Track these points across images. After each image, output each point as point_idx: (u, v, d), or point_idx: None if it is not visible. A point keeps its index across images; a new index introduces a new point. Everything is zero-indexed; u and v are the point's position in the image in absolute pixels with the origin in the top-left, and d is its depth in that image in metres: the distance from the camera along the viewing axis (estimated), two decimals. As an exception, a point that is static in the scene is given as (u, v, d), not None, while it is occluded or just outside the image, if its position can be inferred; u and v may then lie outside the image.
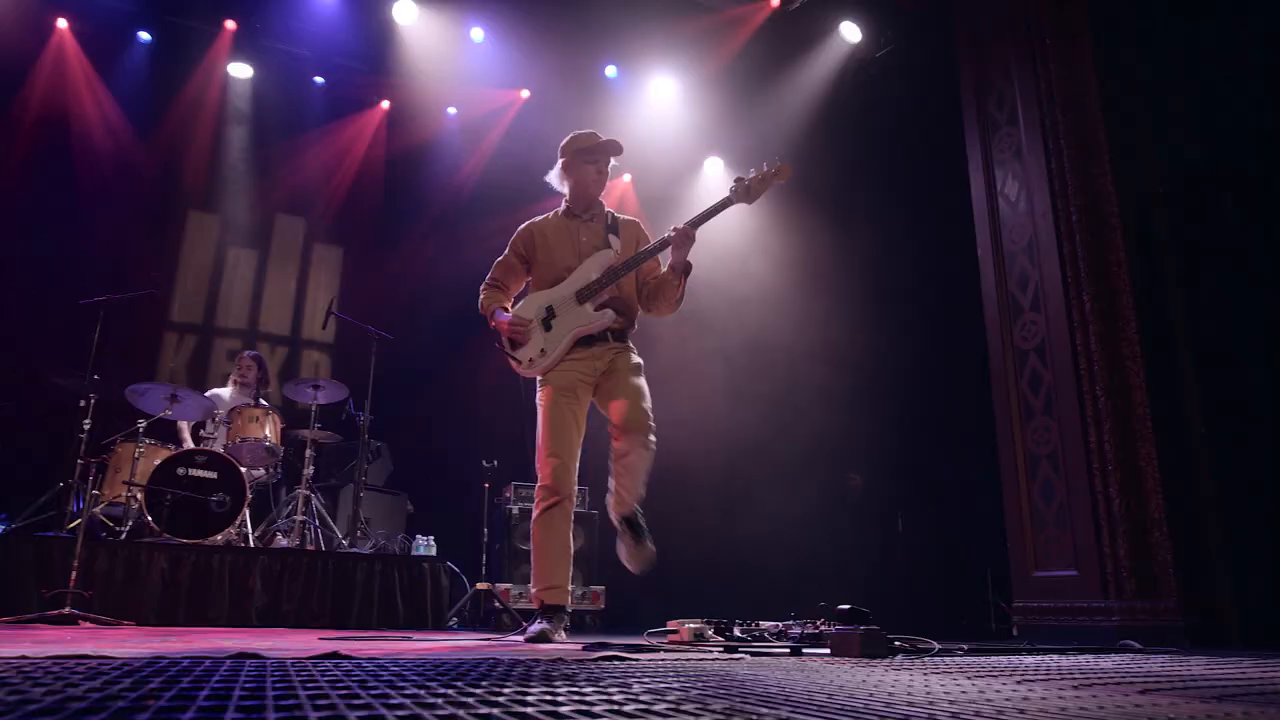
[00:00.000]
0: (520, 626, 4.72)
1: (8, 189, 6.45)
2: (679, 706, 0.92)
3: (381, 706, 0.93)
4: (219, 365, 7.25)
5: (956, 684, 1.36)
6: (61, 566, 4.04)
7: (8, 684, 1.20)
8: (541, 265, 3.44)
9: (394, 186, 7.99)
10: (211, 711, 0.90)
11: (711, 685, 1.20)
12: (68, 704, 0.96)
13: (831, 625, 2.33)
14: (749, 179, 3.27)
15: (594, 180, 3.42)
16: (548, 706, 0.91)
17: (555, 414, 3.25)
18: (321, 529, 5.49)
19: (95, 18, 6.81)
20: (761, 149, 7.32)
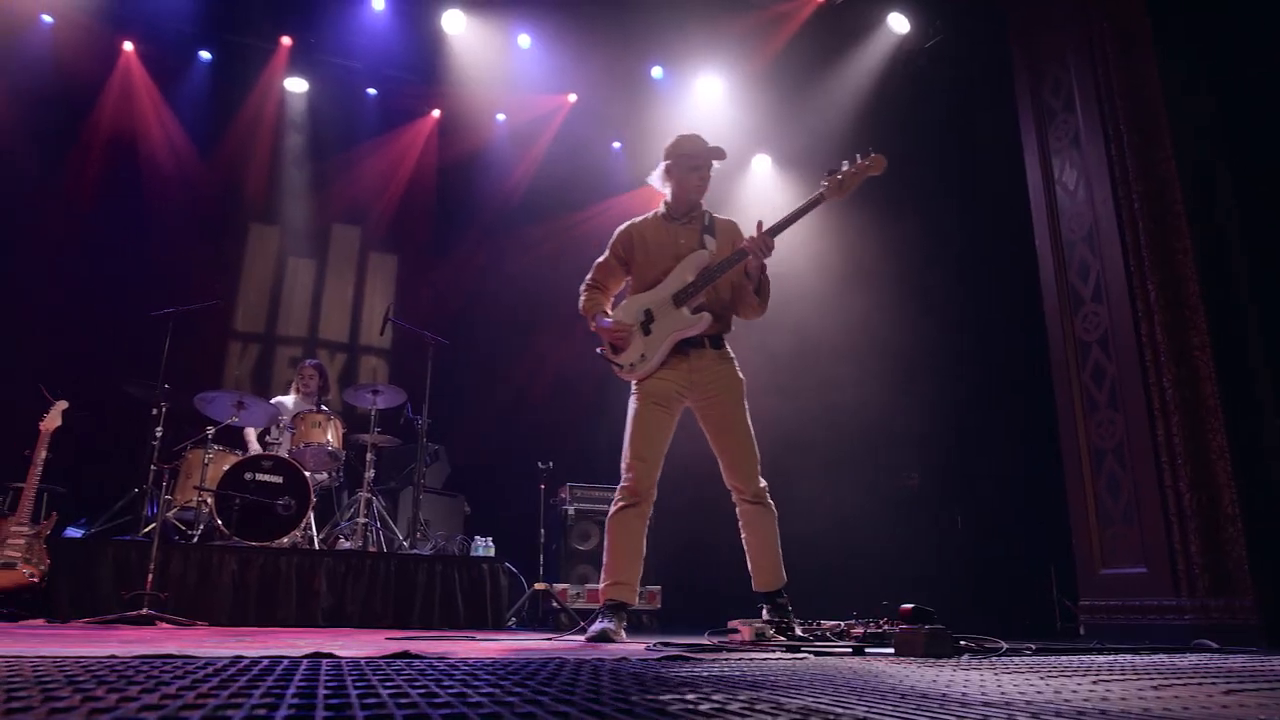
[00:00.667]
0: (578, 626, 4.77)
1: (82, 209, 6.77)
2: (753, 706, 0.93)
3: (462, 705, 0.96)
4: (281, 372, 7.46)
5: (1030, 683, 1.35)
6: (139, 569, 4.20)
7: (106, 682, 1.26)
8: (640, 267, 3.46)
9: (446, 194, 8.13)
10: (302, 709, 0.94)
11: (781, 685, 1.21)
12: (167, 701, 1.01)
13: (895, 624, 2.31)
14: (841, 172, 3.25)
15: (695, 186, 3.43)
16: (623, 705, 0.93)
17: (645, 418, 3.29)
18: (383, 531, 5.61)
19: (159, 39, 7.07)
20: (809, 145, 7.36)
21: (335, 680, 1.28)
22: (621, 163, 8.23)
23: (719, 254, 3.36)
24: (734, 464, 3.30)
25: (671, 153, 3.46)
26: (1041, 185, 5.08)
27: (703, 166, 3.43)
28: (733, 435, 3.30)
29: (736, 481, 3.30)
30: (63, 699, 1.05)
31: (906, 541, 6.43)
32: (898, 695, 1.09)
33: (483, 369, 7.36)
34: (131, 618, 3.90)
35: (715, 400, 3.31)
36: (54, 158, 6.77)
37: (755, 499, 3.30)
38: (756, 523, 3.29)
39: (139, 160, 7.09)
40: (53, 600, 4.19)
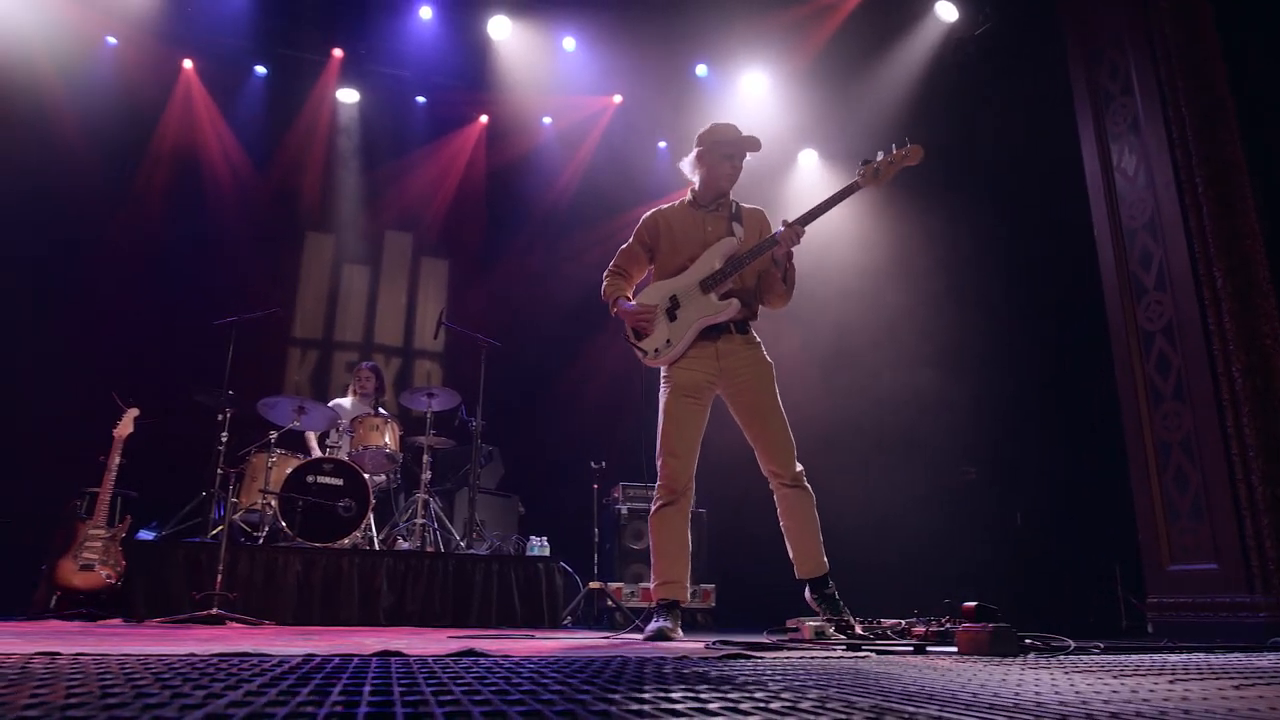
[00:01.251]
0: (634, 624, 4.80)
1: (149, 223, 7.05)
2: (824, 704, 0.93)
3: (535, 701, 0.98)
4: (339, 377, 7.65)
5: (1104, 683, 1.32)
6: (208, 570, 4.34)
7: (190, 680, 1.31)
8: (665, 254, 3.42)
9: (495, 198, 8.25)
10: (381, 706, 0.97)
11: (847, 683, 1.21)
12: (252, 698, 1.05)
13: (957, 623, 2.28)
14: (877, 162, 3.21)
15: (727, 174, 3.39)
16: (694, 704, 0.94)
17: (676, 412, 3.26)
18: (440, 531, 5.70)
19: (217, 56, 7.31)
20: (856, 139, 7.28)
21: (407, 678, 1.32)
22: (667, 163, 8.24)
23: (747, 242, 3.33)
24: (770, 448, 3.26)
25: (705, 139, 3.41)
26: (1099, 172, 4.95)
27: (736, 155, 3.39)
28: (767, 420, 3.25)
29: (774, 466, 3.26)
30: (153, 695, 1.09)
31: (963, 538, 6.33)
32: (969, 694, 1.08)
33: (534, 370, 7.45)
34: (202, 617, 4.03)
35: (746, 386, 3.27)
36: (122, 174, 7.05)
37: (794, 483, 3.25)
38: (796, 507, 3.24)
39: (201, 174, 7.35)
40: (129, 600, 4.34)
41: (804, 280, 3.67)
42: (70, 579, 4.41)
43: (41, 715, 0.90)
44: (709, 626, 5.83)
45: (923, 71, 7.11)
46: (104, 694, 1.10)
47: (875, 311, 7.10)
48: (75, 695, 1.07)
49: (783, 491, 3.26)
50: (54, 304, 6.48)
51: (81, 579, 4.43)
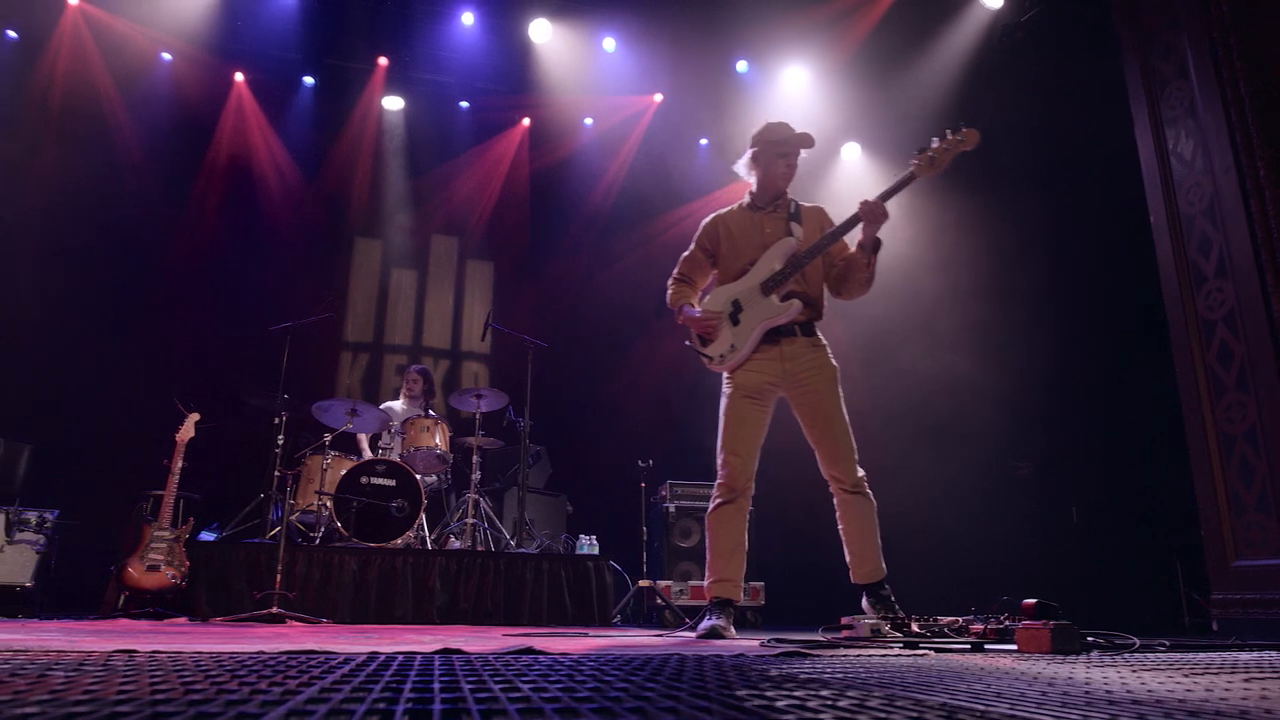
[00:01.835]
0: (684, 622, 4.81)
1: (207, 231, 7.29)
2: (893, 702, 0.93)
3: (602, 699, 0.99)
4: (389, 379, 7.79)
5: (1176, 681, 1.30)
6: (267, 569, 4.45)
7: (265, 676, 1.35)
8: (726, 259, 3.41)
9: (538, 200, 8.32)
10: (454, 702, 0.99)
11: (911, 681, 1.20)
12: (328, 695, 1.08)
13: (1016, 620, 2.25)
14: (932, 149, 3.17)
15: (782, 173, 3.37)
16: (761, 701, 0.94)
17: (737, 413, 3.26)
18: (490, 531, 5.77)
19: (266, 68, 7.51)
20: (900, 130, 7.19)
21: (473, 676, 1.34)
22: (708, 160, 8.24)
23: (807, 240, 3.31)
24: (831, 453, 3.24)
25: (759, 139, 3.39)
26: (1155, 157, 4.82)
27: (790, 154, 3.37)
28: (829, 424, 3.23)
29: (834, 471, 3.25)
30: (233, 691, 1.13)
31: (1016, 534, 6.22)
32: (1038, 692, 1.07)
33: (580, 370, 7.50)
34: (263, 616, 4.14)
35: (809, 389, 3.25)
36: (180, 186, 7.29)
37: (854, 488, 3.24)
38: (855, 513, 3.23)
39: (254, 183, 7.58)
40: (193, 600, 4.48)
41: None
42: (138, 579, 4.56)
43: (133, 711, 0.94)
44: (758, 624, 5.82)
45: (967, 60, 7.00)
46: (187, 690, 1.14)
47: (916, 303, 7.00)
48: (160, 691, 1.11)
49: (843, 497, 3.24)
50: (118, 314, 6.72)
51: (148, 579, 4.57)
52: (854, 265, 3.30)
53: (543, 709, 0.91)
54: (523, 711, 0.89)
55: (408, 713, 0.90)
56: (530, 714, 0.88)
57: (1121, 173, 4.96)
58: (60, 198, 6.56)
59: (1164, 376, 4.62)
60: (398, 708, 0.95)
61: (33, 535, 4.42)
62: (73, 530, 5.00)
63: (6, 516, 4.37)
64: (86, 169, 6.66)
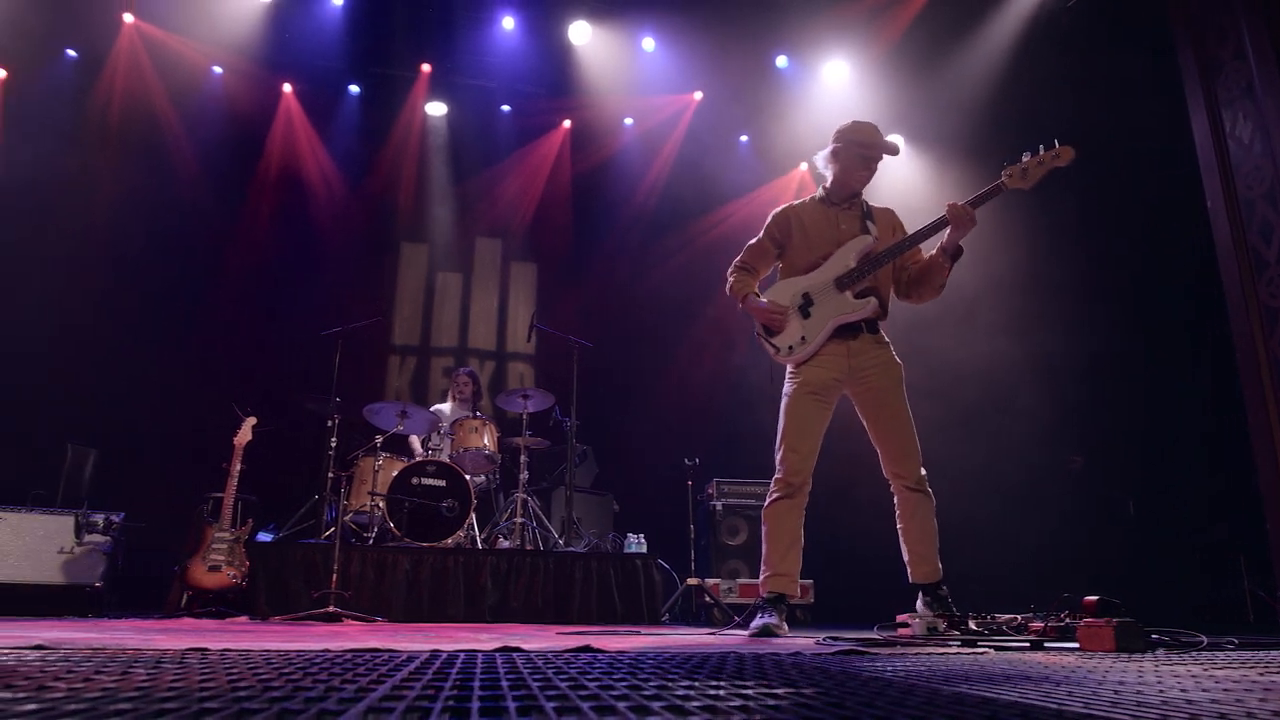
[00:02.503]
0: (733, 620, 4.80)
1: (261, 240, 7.50)
2: (963, 701, 0.93)
3: (671, 697, 1.01)
4: (437, 381, 7.91)
5: (1253, 680, 1.27)
6: (323, 569, 4.55)
7: (336, 674, 1.39)
8: (797, 251, 3.41)
9: (581, 201, 8.38)
10: (525, 699, 1.02)
11: (975, 679, 1.20)
12: (401, 692, 1.11)
13: (1077, 617, 2.21)
14: (1024, 162, 3.14)
15: (862, 175, 3.38)
16: (829, 700, 0.95)
17: (799, 408, 3.26)
18: (538, 530, 5.83)
19: (313, 78, 7.68)
20: (944, 120, 7.09)
21: (537, 673, 1.37)
22: (749, 157, 8.21)
23: (881, 241, 3.31)
24: (895, 451, 3.24)
25: (845, 136, 3.37)
26: (1211, 141, 4.69)
27: (874, 158, 3.36)
28: (894, 421, 3.24)
29: (898, 468, 3.24)
30: (309, 688, 1.17)
31: (1070, 528, 6.09)
32: (1110, 692, 1.06)
33: (625, 369, 7.52)
34: (320, 615, 4.23)
35: (875, 387, 3.26)
36: (233, 196, 7.52)
37: (917, 486, 3.22)
38: (917, 511, 3.21)
39: (304, 191, 7.76)
40: (252, 599, 4.59)
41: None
42: (200, 579, 4.70)
43: (221, 708, 0.97)
44: (807, 622, 5.79)
45: (1012, 47, 6.88)
46: (265, 688, 1.18)
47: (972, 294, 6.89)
48: (239, 688, 1.15)
49: (905, 494, 3.23)
50: (177, 323, 6.95)
51: (210, 579, 4.71)
52: (934, 270, 3.30)
53: (614, 706, 0.92)
54: (596, 709, 0.91)
55: (481, 710, 0.93)
56: (603, 711, 0.90)
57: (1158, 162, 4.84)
58: (121, 211, 6.79)
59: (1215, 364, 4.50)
60: (471, 705, 0.98)
61: (100, 537, 4.58)
62: (137, 532, 5.16)
63: (76, 520, 4.52)
64: (144, 182, 6.89)
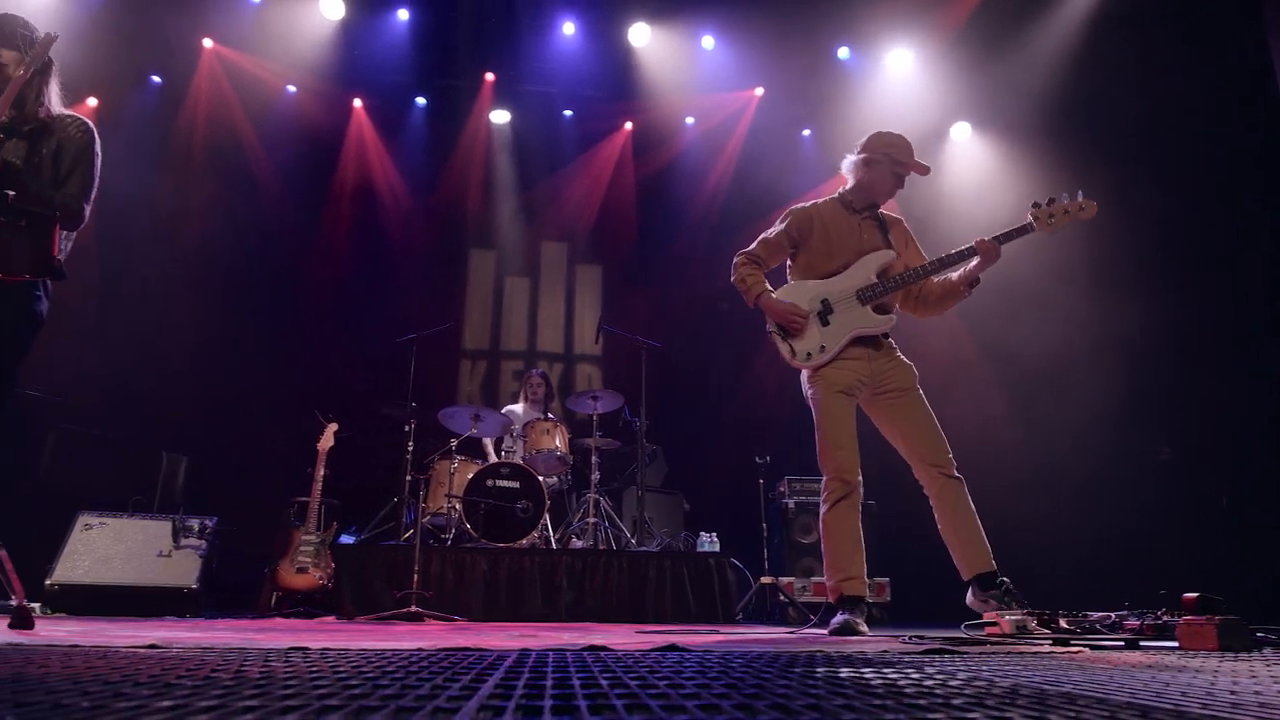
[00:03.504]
0: (809, 619, 4.77)
1: (338, 253, 7.78)
2: (1074, 701, 0.92)
3: (773, 695, 1.02)
4: (507, 385, 8.06)
5: (1372, 682, 1.22)
6: (404, 570, 4.67)
7: (437, 673, 1.44)
8: (816, 253, 3.41)
9: (644, 201, 8.42)
10: (628, 697, 1.04)
11: (1079, 680, 1.18)
12: (506, 690, 1.15)
13: (1176, 615, 2.14)
14: (1051, 208, 3.22)
15: (889, 188, 3.41)
16: (935, 699, 0.95)
17: (834, 407, 3.26)
18: (610, 529, 5.88)
19: (382, 92, 7.90)
20: (1012, 106, 6.92)
21: (631, 672, 1.39)
22: (813, 151, 8.14)
23: (900, 258, 3.39)
24: (931, 443, 3.23)
25: (878, 146, 3.38)
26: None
27: (904, 175, 3.39)
28: (923, 418, 3.26)
29: (936, 458, 3.21)
30: (416, 686, 1.22)
31: (1157, 523, 5.87)
32: (1227, 694, 1.03)
33: (692, 368, 7.54)
34: (403, 614, 4.35)
35: (897, 387, 3.30)
36: (311, 211, 7.82)
37: (954, 473, 3.21)
38: (959, 499, 3.17)
39: (376, 204, 8.01)
40: (338, 599, 4.74)
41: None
42: (289, 580, 4.87)
43: (341, 705, 1.02)
44: (884, 621, 5.71)
45: (1082, 28, 6.67)
46: (375, 686, 1.23)
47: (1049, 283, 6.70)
48: (350, 686, 1.20)
49: (944, 483, 3.19)
50: (261, 334, 7.25)
51: (298, 580, 4.88)
52: (951, 294, 3.41)
53: (719, 705, 0.94)
54: (702, 707, 0.93)
55: (589, 708, 0.96)
56: (709, 709, 0.92)
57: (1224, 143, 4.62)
58: (209, 230, 7.13)
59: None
60: (579, 703, 1.00)
61: (196, 541, 4.78)
62: (228, 535, 5.38)
63: (173, 524, 4.73)
64: (230, 201, 7.22)
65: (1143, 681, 1.18)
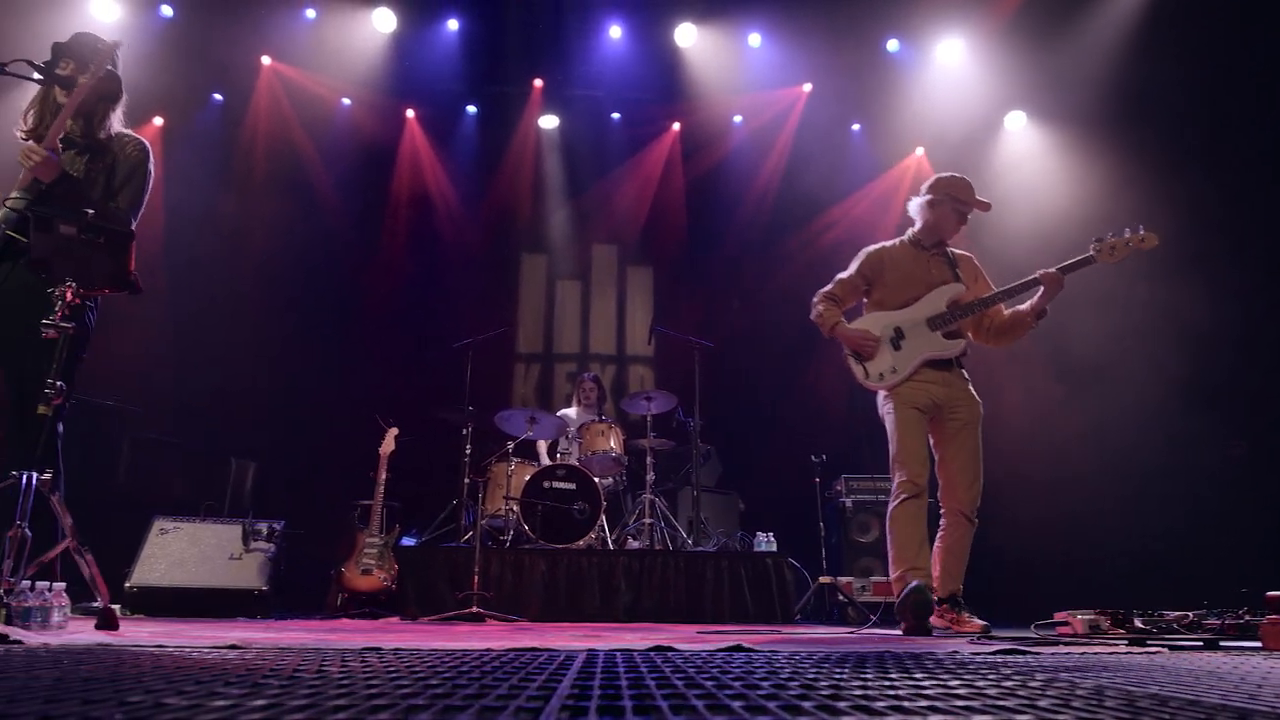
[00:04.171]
0: (869, 619, 4.72)
1: (396, 262, 7.96)
2: (1165, 703, 0.91)
3: (851, 695, 1.02)
4: (560, 387, 8.13)
5: None
6: (464, 571, 4.73)
7: (512, 673, 1.47)
8: (888, 289, 3.73)
9: (693, 201, 8.42)
10: (706, 697, 1.05)
11: (1163, 681, 1.15)
12: (584, 690, 1.17)
13: (1259, 614, 2.07)
14: (1112, 240, 3.43)
15: (953, 226, 3.72)
16: (1020, 700, 0.94)
17: (908, 421, 3.54)
18: (666, 530, 5.89)
19: (434, 101, 8.05)
20: (1069, 94, 6.76)
21: (704, 672, 1.40)
22: (863, 146, 8.05)
23: (969, 290, 3.66)
24: (966, 481, 3.50)
25: (941, 189, 3.70)
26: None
27: (968, 212, 3.70)
28: (971, 456, 3.53)
29: (963, 496, 3.49)
30: (496, 686, 1.24)
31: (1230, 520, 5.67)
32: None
33: (745, 368, 7.51)
34: (465, 615, 4.41)
35: (961, 420, 3.55)
36: (369, 222, 8.00)
37: (971, 516, 3.50)
38: (964, 537, 3.48)
39: (431, 212, 8.16)
40: (402, 600, 4.83)
41: (1030, 245, 3.57)
42: (354, 582, 4.99)
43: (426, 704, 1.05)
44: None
45: (1136, 17, 6.50)
46: (453, 686, 1.26)
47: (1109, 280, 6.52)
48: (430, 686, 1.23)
49: (958, 520, 3.49)
50: (323, 344, 7.47)
51: (363, 582, 4.99)
52: (1019, 325, 3.66)
53: (799, 705, 0.95)
54: (783, 707, 0.94)
55: (671, 708, 0.97)
56: (791, 710, 0.92)
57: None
58: (272, 243, 7.38)
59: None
60: (659, 703, 1.02)
61: (265, 544, 4.91)
62: (294, 538, 5.52)
63: (244, 528, 4.88)
64: (290, 217, 7.45)
65: (1232, 684, 1.15)
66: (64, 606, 2.64)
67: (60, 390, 2.62)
